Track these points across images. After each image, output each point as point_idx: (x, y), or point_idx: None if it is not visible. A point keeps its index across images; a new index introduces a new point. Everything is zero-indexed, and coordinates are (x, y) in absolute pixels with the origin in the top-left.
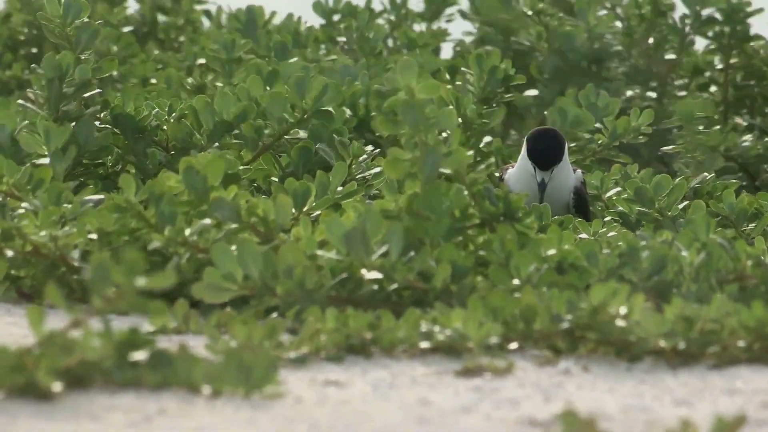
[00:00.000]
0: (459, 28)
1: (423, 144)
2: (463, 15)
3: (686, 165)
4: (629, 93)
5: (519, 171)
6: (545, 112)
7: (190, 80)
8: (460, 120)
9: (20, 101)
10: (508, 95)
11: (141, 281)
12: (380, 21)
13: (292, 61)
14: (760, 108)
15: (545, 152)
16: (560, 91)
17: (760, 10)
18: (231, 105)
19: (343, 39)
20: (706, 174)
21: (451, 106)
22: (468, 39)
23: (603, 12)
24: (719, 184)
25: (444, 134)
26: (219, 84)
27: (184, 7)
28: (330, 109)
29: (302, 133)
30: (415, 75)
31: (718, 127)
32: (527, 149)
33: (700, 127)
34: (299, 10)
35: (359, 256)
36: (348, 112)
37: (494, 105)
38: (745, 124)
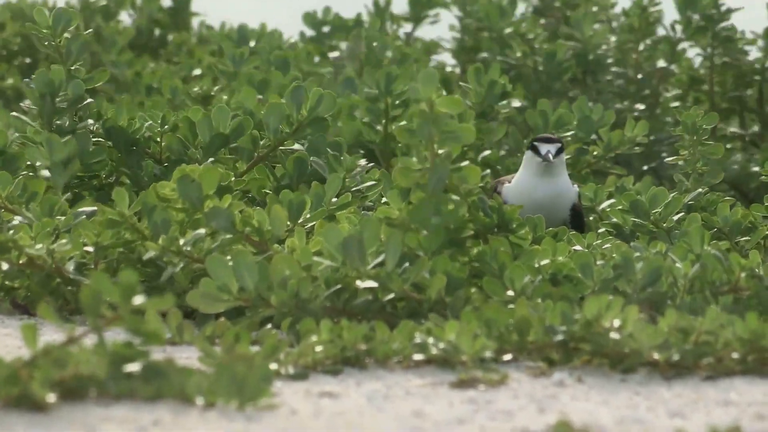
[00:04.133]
0: (444, 31)
1: (434, 156)
2: (443, 4)
3: (686, 177)
4: (618, 106)
5: (518, 183)
6: (527, 120)
7: (196, 89)
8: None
9: (14, 114)
10: (506, 110)
11: (138, 301)
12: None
13: (289, 74)
14: (751, 117)
15: (546, 137)
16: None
17: (738, 9)
18: (228, 118)
19: (335, 54)
20: (700, 190)
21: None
22: (452, 36)
23: (597, 25)
24: (714, 198)
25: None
26: (225, 96)
27: (196, 27)
28: (325, 117)
29: (297, 146)
30: (436, 87)
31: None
32: (530, 144)
33: (705, 138)
34: (284, 24)
35: (355, 265)
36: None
37: (492, 119)
38: (735, 134)
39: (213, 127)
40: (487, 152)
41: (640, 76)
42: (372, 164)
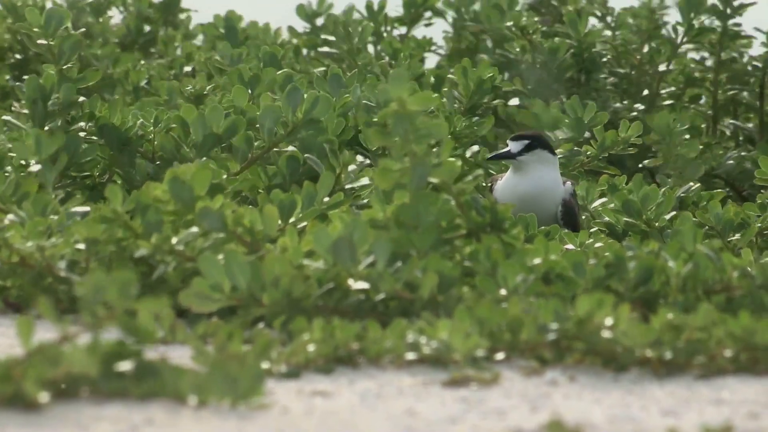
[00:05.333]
0: (438, 32)
1: (413, 154)
2: (436, 12)
3: (668, 176)
4: (617, 105)
5: (505, 181)
6: (520, 119)
7: (189, 88)
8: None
9: (4, 117)
10: (495, 101)
11: (133, 303)
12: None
13: (280, 72)
14: (746, 113)
15: (520, 134)
16: (545, 102)
17: (752, 3)
18: (221, 118)
19: (326, 49)
20: (691, 184)
21: (439, 116)
22: (445, 39)
23: (594, 22)
24: (705, 194)
25: (433, 145)
26: (217, 96)
27: (185, 22)
28: (320, 118)
29: (291, 148)
30: (406, 86)
31: (703, 139)
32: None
33: (686, 136)
34: (281, 19)
35: (346, 266)
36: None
37: (480, 113)
38: (729, 132)
39: (206, 126)
40: (475, 147)
41: (633, 72)
42: (368, 161)
